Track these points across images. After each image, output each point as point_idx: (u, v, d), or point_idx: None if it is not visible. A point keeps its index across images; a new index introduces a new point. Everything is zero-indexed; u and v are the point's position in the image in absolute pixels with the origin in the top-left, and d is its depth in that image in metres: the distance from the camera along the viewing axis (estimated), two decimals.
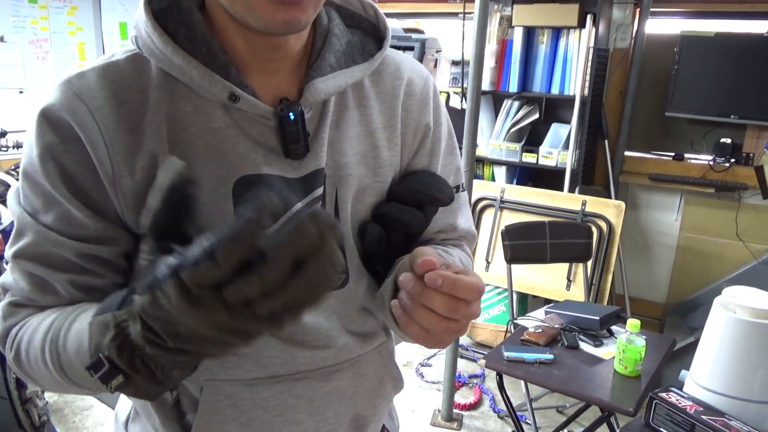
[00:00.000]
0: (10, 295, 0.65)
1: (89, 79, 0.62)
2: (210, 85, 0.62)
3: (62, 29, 3.72)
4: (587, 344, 1.97)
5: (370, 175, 0.72)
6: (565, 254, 2.61)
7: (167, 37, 0.61)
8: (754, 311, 1.28)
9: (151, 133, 0.61)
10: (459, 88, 3.23)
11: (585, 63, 2.94)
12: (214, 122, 0.63)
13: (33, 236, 0.62)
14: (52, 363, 0.61)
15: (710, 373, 1.34)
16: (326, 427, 0.74)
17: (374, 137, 0.72)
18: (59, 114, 0.60)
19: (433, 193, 0.74)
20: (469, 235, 0.85)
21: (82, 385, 0.61)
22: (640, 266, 3.42)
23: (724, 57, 2.94)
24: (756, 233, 3.09)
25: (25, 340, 0.63)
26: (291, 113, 0.65)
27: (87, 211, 0.62)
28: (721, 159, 3.08)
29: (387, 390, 0.82)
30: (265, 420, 0.70)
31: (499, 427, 2.60)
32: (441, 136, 0.80)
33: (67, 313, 0.62)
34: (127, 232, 0.64)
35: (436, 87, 0.80)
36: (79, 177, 0.61)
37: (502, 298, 3.17)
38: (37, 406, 2.11)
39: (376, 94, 0.74)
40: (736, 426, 1.22)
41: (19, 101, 3.56)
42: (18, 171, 2.94)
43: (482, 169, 3.44)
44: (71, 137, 0.60)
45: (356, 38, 0.73)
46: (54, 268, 0.63)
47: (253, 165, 0.64)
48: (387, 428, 0.88)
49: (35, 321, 0.64)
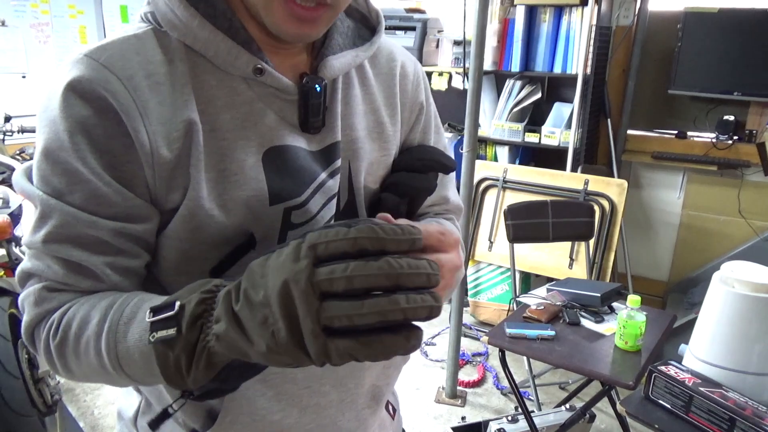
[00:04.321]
0: (39, 280, 0.62)
1: (113, 50, 0.60)
2: (235, 59, 0.62)
3: (63, 13, 3.72)
4: (588, 320, 2.00)
5: (377, 149, 0.75)
6: (568, 233, 2.63)
7: (193, 11, 0.61)
8: (753, 285, 1.30)
9: (181, 104, 0.60)
10: (461, 68, 3.22)
11: (587, 41, 2.93)
12: (238, 96, 0.64)
13: (61, 218, 0.59)
14: (107, 345, 0.57)
15: (709, 347, 1.36)
16: (349, 397, 0.77)
17: (378, 114, 0.76)
18: (90, 86, 0.57)
19: (441, 159, 0.78)
20: (458, 209, 0.89)
21: (129, 370, 0.57)
22: (643, 244, 3.44)
23: (727, 33, 2.92)
24: (758, 210, 3.10)
25: (75, 326, 0.59)
26: (317, 85, 0.66)
27: (117, 186, 0.60)
28: (724, 136, 3.07)
29: (398, 360, 0.85)
30: (293, 393, 0.72)
31: (502, 403, 2.64)
32: (432, 115, 0.85)
33: (132, 294, 0.60)
34: (156, 208, 0.63)
35: (424, 72, 0.85)
36: (110, 151, 0.59)
37: (506, 278, 3.20)
38: (49, 386, 2.16)
39: (375, 75, 0.77)
40: (733, 397, 1.25)
41: (22, 86, 3.57)
42: (23, 156, 2.97)
43: (485, 149, 3.44)
44: (105, 109, 0.58)
45: (352, 24, 0.76)
46: (90, 250, 0.60)
47: (280, 136, 0.65)
48: (391, 402, 0.91)
49: (86, 306, 0.60)
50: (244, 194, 0.63)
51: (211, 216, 0.62)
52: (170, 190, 0.61)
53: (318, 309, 0.43)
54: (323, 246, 0.44)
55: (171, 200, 0.62)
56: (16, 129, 2.88)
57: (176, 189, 0.61)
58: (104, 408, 2.48)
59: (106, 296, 0.61)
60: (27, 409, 1.98)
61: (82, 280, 0.61)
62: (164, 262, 0.66)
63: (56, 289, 0.62)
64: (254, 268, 0.48)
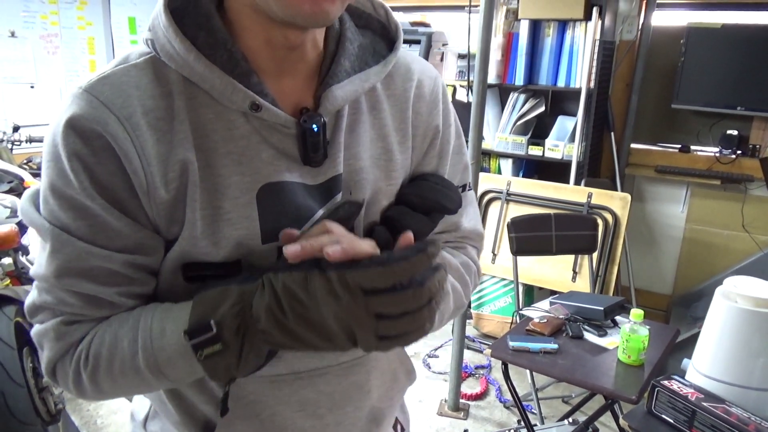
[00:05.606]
0: (53, 315, 0.62)
1: (112, 86, 0.59)
2: (232, 94, 0.60)
3: (72, 24, 3.76)
4: (591, 334, 2.00)
5: (383, 178, 0.71)
6: (571, 246, 2.63)
7: (189, 44, 0.59)
8: (756, 300, 1.30)
9: (179, 141, 0.60)
10: (465, 82, 3.24)
11: (591, 55, 2.95)
12: (236, 129, 0.62)
13: (73, 252, 0.60)
14: (145, 360, 0.61)
15: (712, 362, 1.36)
16: (346, 420, 0.76)
17: (387, 141, 0.72)
18: (89, 125, 0.57)
19: (443, 202, 0.74)
20: (473, 234, 0.83)
21: (172, 376, 0.62)
22: (646, 258, 3.44)
23: (730, 49, 2.94)
24: (762, 225, 3.10)
25: (105, 352, 0.62)
26: (314, 125, 0.64)
27: (126, 220, 0.60)
28: (727, 151, 3.08)
29: (401, 382, 0.84)
30: (288, 415, 0.71)
31: (505, 416, 2.64)
32: (450, 138, 0.79)
33: (150, 309, 0.63)
34: (162, 239, 0.63)
35: (445, 87, 0.80)
36: (113, 188, 0.59)
37: (509, 290, 3.20)
38: (53, 395, 2.16)
39: (388, 97, 0.73)
40: (737, 412, 1.25)
41: (31, 96, 3.61)
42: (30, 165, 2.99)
43: (488, 162, 3.45)
44: (103, 148, 0.58)
45: (366, 39, 0.72)
46: (103, 282, 0.61)
47: (276, 172, 0.63)
48: (399, 421, 0.90)
49: (110, 332, 0.62)
50: (236, 233, 0.62)
51: (205, 254, 0.62)
52: (170, 225, 0.62)
53: (376, 326, 0.54)
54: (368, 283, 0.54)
55: (171, 233, 0.63)
56: (24, 138, 2.91)
57: (175, 223, 0.62)
58: (107, 417, 2.48)
59: (124, 318, 0.63)
60: (31, 418, 1.98)
61: (99, 309, 0.63)
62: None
63: (74, 321, 0.63)
64: (294, 288, 0.55)
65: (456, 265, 0.79)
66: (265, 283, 0.57)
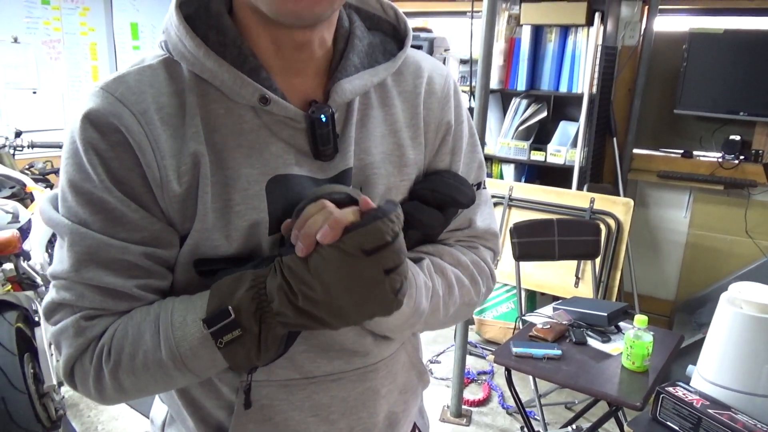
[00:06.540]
0: (72, 311, 0.62)
1: (128, 84, 0.61)
2: (241, 88, 0.62)
3: (74, 30, 3.77)
4: (595, 340, 1.99)
5: (396, 173, 0.72)
6: (574, 251, 2.62)
7: (199, 41, 0.62)
8: (760, 306, 1.29)
9: (191, 136, 0.62)
10: (467, 87, 3.24)
11: (593, 61, 2.95)
12: (245, 124, 0.64)
13: (92, 245, 0.61)
14: (168, 352, 0.60)
15: (717, 368, 1.35)
16: (360, 426, 0.75)
17: (398, 136, 0.72)
18: (105, 119, 0.59)
19: (455, 196, 0.73)
20: (487, 234, 0.82)
21: (195, 368, 0.61)
22: (649, 263, 3.43)
23: (733, 54, 2.94)
24: (765, 230, 3.09)
25: (128, 346, 0.61)
26: (322, 115, 0.65)
27: (143, 213, 0.61)
28: (730, 156, 3.08)
29: (414, 384, 0.84)
30: (300, 420, 0.71)
31: (507, 423, 2.62)
32: (462, 134, 0.78)
33: (170, 300, 0.63)
34: (177, 233, 0.64)
35: (457, 85, 0.80)
36: (129, 182, 0.61)
37: (511, 296, 3.19)
38: (54, 401, 2.15)
39: (398, 93, 0.73)
40: (742, 419, 1.24)
41: (33, 101, 3.62)
42: (32, 170, 2.99)
43: (491, 167, 3.45)
44: (119, 142, 0.60)
45: (377, 39, 0.73)
46: (122, 275, 0.62)
47: (285, 165, 0.64)
48: (418, 426, 0.90)
49: (132, 326, 0.62)
50: (246, 223, 0.63)
51: (216, 246, 0.63)
52: (183, 220, 0.63)
53: (391, 282, 0.57)
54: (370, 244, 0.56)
55: (185, 228, 0.63)
56: (26, 144, 2.91)
57: (188, 218, 0.63)
58: (108, 423, 2.47)
59: (146, 311, 0.63)
60: (32, 424, 1.98)
61: (119, 303, 0.63)
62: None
63: (94, 316, 0.63)
64: (297, 270, 0.57)
65: (466, 262, 0.78)
66: (275, 266, 0.59)
